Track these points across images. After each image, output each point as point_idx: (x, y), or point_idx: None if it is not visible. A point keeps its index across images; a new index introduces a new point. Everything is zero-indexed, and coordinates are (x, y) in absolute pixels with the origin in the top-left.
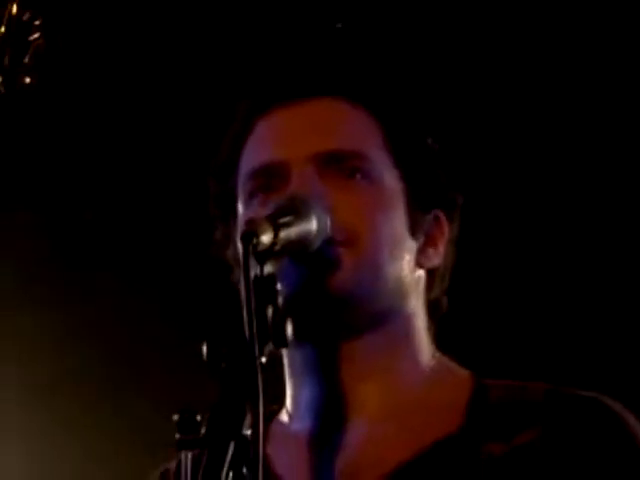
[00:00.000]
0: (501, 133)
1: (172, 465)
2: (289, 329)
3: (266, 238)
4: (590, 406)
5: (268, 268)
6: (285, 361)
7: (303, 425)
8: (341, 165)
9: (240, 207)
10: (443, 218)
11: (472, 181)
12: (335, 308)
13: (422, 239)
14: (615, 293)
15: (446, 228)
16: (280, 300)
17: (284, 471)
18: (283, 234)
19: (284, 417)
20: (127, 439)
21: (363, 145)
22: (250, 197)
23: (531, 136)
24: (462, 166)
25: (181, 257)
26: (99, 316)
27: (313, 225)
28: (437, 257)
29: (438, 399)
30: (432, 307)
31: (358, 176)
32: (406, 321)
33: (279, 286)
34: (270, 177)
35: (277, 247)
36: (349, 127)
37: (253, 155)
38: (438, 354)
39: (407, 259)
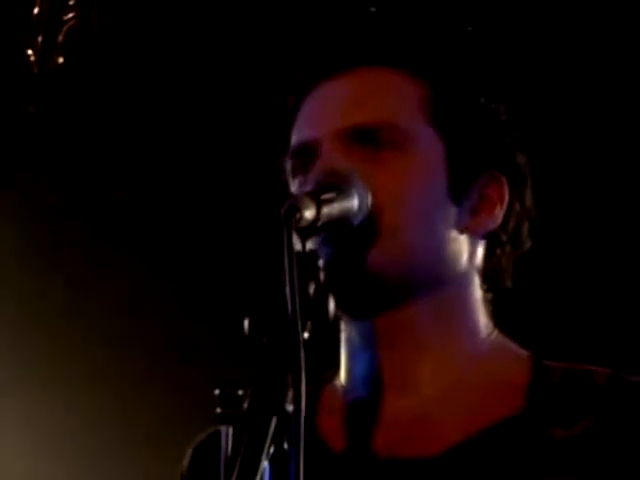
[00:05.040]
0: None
1: (202, 437)
2: (331, 305)
3: (309, 214)
4: None
5: (310, 244)
6: (342, 333)
7: (355, 397)
8: (367, 139)
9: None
10: (502, 179)
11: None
12: (372, 282)
13: (473, 203)
14: None
15: (505, 189)
16: (322, 276)
17: (331, 436)
18: (325, 210)
19: (337, 387)
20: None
21: (393, 114)
22: (292, 177)
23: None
24: (525, 125)
25: (223, 235)
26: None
27: (355, 202)
28: (491, 221)
29: (496, 377)
30: (490, 277)
31: (385, 148)
32: (455, 291)
33: (320, 262)
34: (304, 156)
35: (319, 223)
36: (382, 97)
37: (294, 135)
38: (496, 331)
39: (447, 225)
